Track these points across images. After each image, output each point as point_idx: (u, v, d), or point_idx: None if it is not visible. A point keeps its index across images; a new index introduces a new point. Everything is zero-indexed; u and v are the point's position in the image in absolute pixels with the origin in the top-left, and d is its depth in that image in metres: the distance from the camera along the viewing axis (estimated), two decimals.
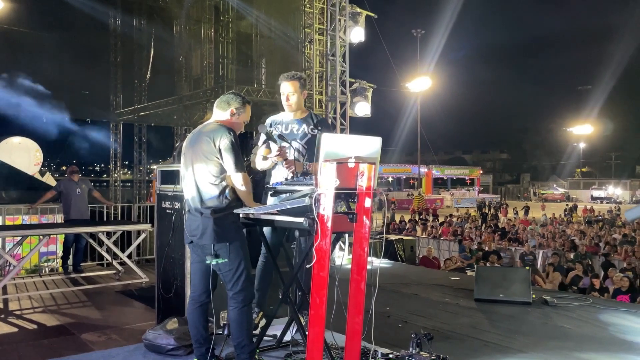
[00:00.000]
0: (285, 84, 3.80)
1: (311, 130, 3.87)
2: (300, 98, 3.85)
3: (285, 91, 3.80)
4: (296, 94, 3.82)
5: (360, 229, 2.90)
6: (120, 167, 17.26)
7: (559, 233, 16.24)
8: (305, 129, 3.87)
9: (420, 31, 38.97)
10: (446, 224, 19.47)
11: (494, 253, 11.99)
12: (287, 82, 3.80)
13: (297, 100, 3.83)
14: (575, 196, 51.32)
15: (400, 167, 51.52)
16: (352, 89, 10.42)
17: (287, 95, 3.80)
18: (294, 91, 3.80)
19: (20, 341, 4.46)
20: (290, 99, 3.80)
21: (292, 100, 3.80)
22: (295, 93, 3.81)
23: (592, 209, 30.40)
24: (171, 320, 3.93)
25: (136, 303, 5.86)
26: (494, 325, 5.09)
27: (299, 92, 3.83)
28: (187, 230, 3.27)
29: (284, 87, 3.82)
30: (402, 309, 5.54)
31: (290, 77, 3.81)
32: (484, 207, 33.83)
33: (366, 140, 2.94)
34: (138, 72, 14.05)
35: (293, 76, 3.82)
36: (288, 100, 3.80)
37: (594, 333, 4.88)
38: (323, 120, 4.13)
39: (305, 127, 3.87)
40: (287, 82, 3.80)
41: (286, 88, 3.80)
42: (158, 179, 4.74)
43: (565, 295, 6.91)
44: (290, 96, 3.80)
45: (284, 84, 3.81)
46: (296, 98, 3.82)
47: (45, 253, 8.22)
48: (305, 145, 3.85)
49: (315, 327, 2.70)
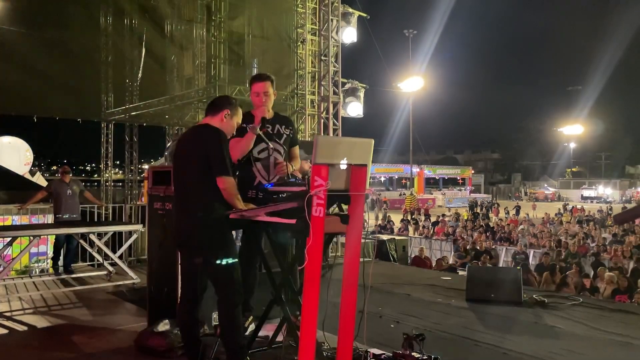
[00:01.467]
0: (260, 84, 3.83)
1: (284, 130, 3.90)
2: (273, 98, 3.88)
3: (260, 91, 3.82)
4: (270, 95, 3.84)
5: (352, 230, 2.91)
6: (112, 167, 17.17)
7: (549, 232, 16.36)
8: (280, 129, 3.89)
9: (412, 31, 39.15)
10: (441, 223, 19.55)
11: (486, 253, 12.06)
12: (262, 82, 3.83)
13: (271, 101, 3.85)
14: (565, 196, 51.68)
15: (393, 167, 51.66)
16: (345, 89, 10.45)
17: (261, 95, 3.81)
18: (269, 91, 3.82)
19: (10, 343, 4.42)
20: (266, 99, 3.81)
21: (267, 100, 3.81)
22: (269, 93, 3.83)
23: (582, 208, 30.64)
24: (162, 322, 3.92)
25: (127, 304, 5.83)
26: (486, 325, 5.12)
27: (272, 92, 3.86)
28: (176, 231, 3.27)
29: (259, 87, 3.83)
30: (394, 309, 5.55)
31: (265, 77, 3.85)
32: (475, 206, 34.00)
33: (358, 142, 2.95)
34: (129, 71, 13.96)
35: (267, 77, 3.86)
36: (263, 100, 3.80)
37: (584, 333, 4.92)
38: (290, 119, 4.18)
39: (279, 127, 3.89)
40: (262, 82, 3.83)
41: (262, 88, 3.82)
42: (150, 179, 4.72)
43: (556, 295, 6.96)
44: (266, 96, 3.81)
45: (258, 84, 3.83)
46: (271, 98, 3.84)
47: (36, 254, 8.16)
48: (283, 145, 3.87)
49: (307, 329, 2.71)
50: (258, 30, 12.12)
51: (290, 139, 3.96)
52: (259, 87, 3.82)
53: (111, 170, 17.03)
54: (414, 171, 45.06)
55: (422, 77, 38.27)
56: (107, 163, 16.44)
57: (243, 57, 12.51)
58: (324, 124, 10.23)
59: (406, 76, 36.82)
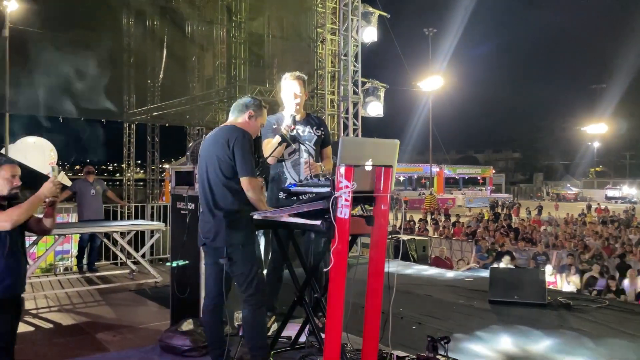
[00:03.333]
0: (293, 82, 3.77)
1: (316, 131, 3.86)
2: (304, 99, 3.84)
3: (293, 89, 3.76)
4: (302, 95, 3.80)
5: (377, 231, 2.89)
6: (134, 167, 17.39)
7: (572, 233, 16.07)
8: (311, 131, 3.85)
9: (432, 30, 38.72)
10: (459, 224, 19.36)
11: (508, 254, 11.89)
12: (295, 81, 3.76)
13: (303, 101, 3.81)
14: (589, 196, 50.77)
15: (412, 166, 51.29)
16: (365, 88, 10.40)
17: (294, 94, 3.75)
18: (301, 91, 3.77)
19: (36, 340, 4.50)
20: (299, 98, 3.76)
21: (300, 100, 3.77)
22: (302, 93, 3.79)
23: (606, 208, 30.02)
24: (186, 321, 3.94)
25: (150, 302, 5.89)
26: (509, 327, 5.05)
27: (304, 92, 3.82)
28: (200, 232, 3.28)
29: (291, 86, 3.77)
30: (416, 310, 5.51)
31: (298, 77, 3.78)
32: (496, 206, 33.59)
33: (384, 143, 2.93)
34: (151, 72, 14.11)
35: (299, 76, 3.79)
36: (296, 99, 3.76)
37: (610, 336, 4.81)
38: (323, 121, 4.13)
39: (309, 128, 3.85)
40: (295, 80, 3.76)
41: (294, 87, 3.76)
42: (172, 179, 4.76)
43: (582, 297, 6.84)
44: (299, 95, 3.76)
45: (291, 82, 3.77)
46: (302, 98, 3.80)
47: (60, 252, 8.29)
48: (314, 146, 3.83)
49: (333, 330, 2.69)
50: (278, 31, 12.15)
51: (322, 139, 3.90)
52: (291, 86, 3.77)
53: (133, 170, 17.25)
54: (434, 171, 44.69)
55: (442, 76, 37.91)
56: (129, 163, 16.67)
57: (263, 57, 12.56)
58: (344, 124, 10.20)
59: (426, 75, 36.50)
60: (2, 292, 2.90)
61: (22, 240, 3.09)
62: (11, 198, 3.00)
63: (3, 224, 2.81)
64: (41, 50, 11.37)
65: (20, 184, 3.04)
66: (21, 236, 3.07)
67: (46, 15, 11.58)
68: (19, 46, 10.86)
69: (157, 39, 13.79)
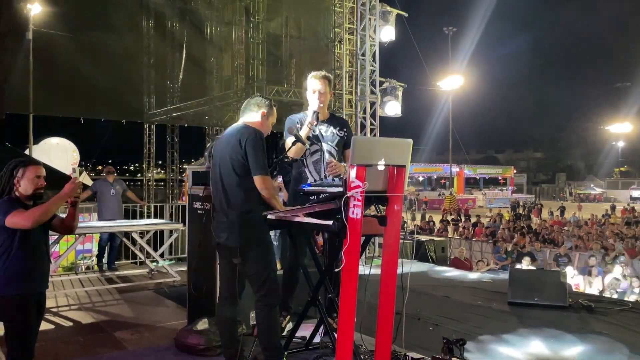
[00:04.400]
0: (316, 81, 3.75)
1: (339, 132, 3.84)
2: (329, 98, 3.82)
3: (316, 88, 3.74)
4: (326, 94, 3.78)
5: (390, 232, 2.86)
6: (154, 167, 17.61)
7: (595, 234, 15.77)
8: (334, 131, 3.83)
9: (452, 29, 38.43)
10: (480, 224, 19.14)
11: (528, 255, 11.72)
12: (319, 80, 3.74)
13: (326, 100, 3.79)
14: (613, 196, 49.77)
15: (431, 166, 50.93)
16: (382, 88, 10.35)
17: (318, 92, 3.74)
18: (325, 90, 3.76)
19: (57, 338, 4.57)
20: (322, 97, 3.76)
21: (323, 99, 3.76)
22: (326, 92, 3.77)
23: (632, 209, 29.31)
24: (202, 321, 3.97)
25: (168, 302, 5.94)
26: (529, 330, 4.96)
27: (328, 91, 3.80)
28: (214, 232, 3.29)
29: (315, 84, 3.75)
30: (433, 312, 5.46)
31: (323, 76, 3.76)
32: (517, 207, 33.15)
33: (397, 143, 2.90)
34: (170, 73, 14.29)
35: (325, 75, 3.78)
36: (320, 98, 3.75)
37: (634, 340, 4.70)
38: (346, 121, 4.11)
39: (332, 128, 3.84)
40: (320, 80, 3.75)
41: (318, 85, 3.74)
42: (189, 179, 4.79)
43: (604, 299, 6.70)
44: (322, 95, 3.75)
45: (315, 81, 3.75)
46: (326, 97, 3.79)
47: (82, 251, 8.43)
48: (336, 147, 3.82)
49: (345, 331, 2.68)
50: (295, 31, 12.17)
51: (345, 140, 3.87)
52: (315, 85, 3.76)
53: (153, 170, 17.46)
54: (454, 171, 44.29)
55: (462, 75, 37.58)
56: (149, 163, 16.87)
57: (281, 57, 12.60)
58: (362, 124, 10.17)
59: (446, 74, 36.23)
60: (26, 289, 2.96)
61: (46, 239, 3.15)
62: (36, 198, 3.06)
63: (24, 223, 2.87)
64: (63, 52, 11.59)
65: (45, 185, 3.10)
66: (44, 235, 3.13)
67: (68, 18, 11.80)
68: (42, 48, 11.09)
69: (176, 40, 13.96)
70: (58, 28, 11.55)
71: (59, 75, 11.46)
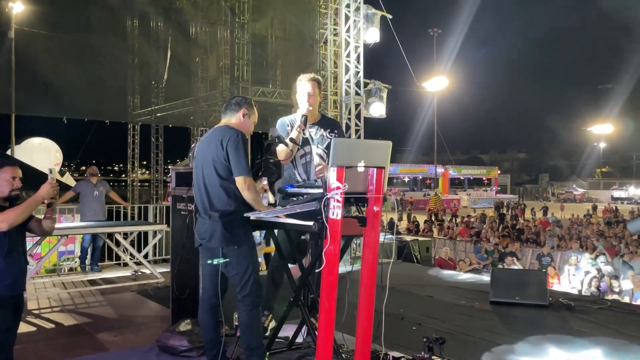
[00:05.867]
0: (307, 83, 3.78)
1: (329, 134, 3.87)
2: (318, 100, 3.85)
3: (307, 90, 3.76)
4: (316, 96, 3.81)
5: (370, 232, 2.90)
6: (138, 168, 17.47)
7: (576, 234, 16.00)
8: (323, 134, 3.86)
9: (436, 30, 38.66)
10: (463, 224, 19.31)
11: (511, 255, 11.86)
12: (309, 82, 3.77)
13: (316, 102, 3.81)
14: (595, 196, 50.51)
15: (417, 167, 51.25)
16: (367, 89, 10.39)
17: (308, 95, 3.76)
18: (315, 93, 3.79)
19: (38, 340, 4.53)
20: (312, 99, 3.78)
21: (312, 101, 3.78)
22: (315, 95, 3.80)
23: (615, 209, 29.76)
24: (184, 322, 3.97)
25: (152, 303, 5.92)
26: (510, 328, 5.04)
27: (318, 93, 3.83)
28: (196, 233, 3.30)
29: (305, 87, 3.77)
30: (417, 311, 5.51)
31: (313, 78, 3.79)
32: (501, 207, 33.49)
33: (376, 145, 2.94)
34: (155, 73, 14.18)
35: (315, 77, 3.81)
36: (310, 100, 3.76)
37: (611, 337, 4.80)
38: (337, 123, 4.13)
39: (322, 131, 3.86)
40: (310, 82, 3.77)
41: (308, 88, 3.76)
42: (173, 180, 4.79)
43: (584, 298, 6.81)
44: (312, 97, 3.78)
45: (305, 83, 3.78)
46: (316, 100, 3.81)
47: (64, 252, 8.34)
48: (326, 150, 3.83)
49: (325, 331, 2.71)
50: (281, 32, 12.18)
51: None
52: (304, 87, 3.78)
53: (137, 171, 17.33)
54: (439, 171, 44.61)
55: (446, 77, 37.82)
56: (133, 164, 16.74)
57: (266, 58, 12.59)
58: (347, 125, 10.20)
59: (430, 76, 36.44)
60: (2, 290, 2.94)
61: (22, 240, 3.13)
62: (12, 199, 3.04)
63: (0, 225, 2.85)
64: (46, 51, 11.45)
65: (22, 186, 3.08)
66: (21, 237, 3.11)
67: (51, 17, 11.66)
68: (24, 47, 10.96)
69: (160, 40, 13.87)
70: (41, 27, 11.41)
71: (42, 74, 11.32)
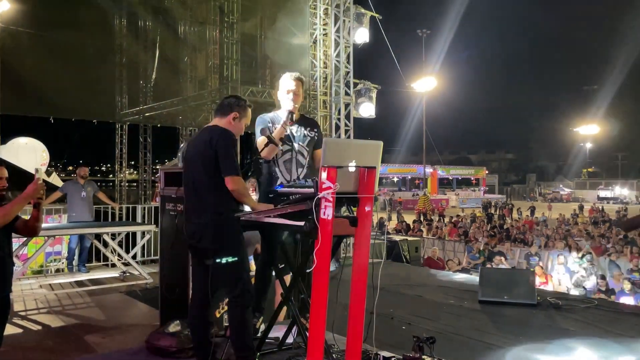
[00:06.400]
0: (291, 81, 3.80)
1: (309, 132, 3.89)
2: (301, 99, 3.88)
3: (291, 88, 3.79)
4: (300, 95, 3.83)
5: (361, 232, 2.90)
6: (126, 168, 17.33)
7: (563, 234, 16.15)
8: (304, 132, 3.88)
9: (425, 31, 38.75)
10: (451, 224, 19.41)
11: (499, 254, 11.95)
12: (293, 81, 3.80)
13: (299, 101, 3.84)
14: (581, 196, 51.06)
15: (406, 167, 51.41)
16: (357, 89, 10.41)
17: (293, 93, 3.78)
18: (299, 91, 3.81)
19: (24, 342, 4.48)
20: (296, 97, 3.80)
21: (296, 99, 3.80)
22: (299, 93, 3.82)
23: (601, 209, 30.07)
24: (174, 323, 3.93)
25: (140, 304, 5.88)
26: (498, 327, 5.08)
27: (301, 92, 3.86)
28: (187, 233, 3.28)
29: (289, 85, 3.80)
30: (406, 311, 5.53)
31: (297, 77, 3.83)
32: (489, 207, 33.71)
33: (367, 145, 2.94)
34: (143, 73, 14.09)
35: (299, 76, 3.84)
36: (294, 98, 3.78)
37: (598, 336, 4.85)
38: (316, 122, 4.18)
39: (303, 129, 3.88)
40: (294, 80, 3.81)
41: (292, 86, 3.79)
42: (161, 180, 4.75)
43: (571, 297, 6.88)
44: (296, 95, 3.80)
45: (289, 81, 3.80)
46: (299, 98, 3.84)
47: (51, 253, 8.25)
48: (307, 147, 3.86)
49: (316, 331, 2.70)
50: (270, 32, 12.15)
51: (315, 141, 3.91)
52: (289, 85, 3.80)
53: (125, 171, 17.19)
54: (427, 171, 44.80)
55: (435, 77, 37.95)
56: (121, 164, 16.61)
57: (256, 58, 12.56)
58: (336, 125, 10.22)
59: (419, 76, 36.52)
60: None
61: (8, 241, 3.09)
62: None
63: None
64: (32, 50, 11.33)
65: (7, 186, 3.04)
66: (6, 237, 3.07)
67: (37, 15, 11.54)
68: (10, 46, 10.83)
69: (149, 39, 13.78)
70: (27, 26, 11.29)
71: (28, 74, 11.18)
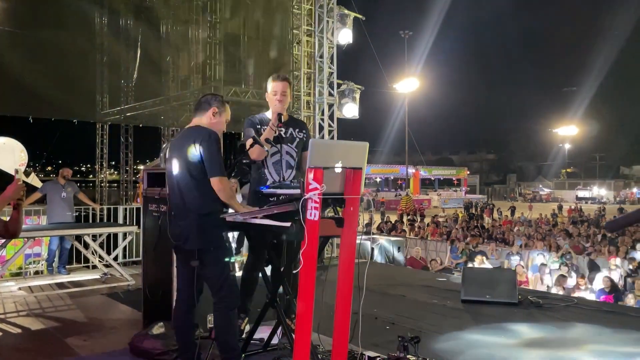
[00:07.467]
0: (278, 83, 3.83)
1: (298, 134, 3.90)
2: (289, 100, 3.89)
3: (278, 90, 3.81)
4: (287, 96, 3.85)
5: (347, 233, 2.91)
6: (107, 168, 17.12)
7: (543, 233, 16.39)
8: (293, 133, 3.89)
9: (408, 32, 39.03)
10: (433, 224, 19.55)
11: (481, 254, 12.07)
12: (280, 82, 3.83)
13: (287, 102, 3.85)
14: (560, 196, 51.87)
15: (388, 167, 51.69)
16: (340, 90, 10.43)
17: (280, 94, 3.80)
18: (286, 93, 3.83)
19: (3, 346, 4.40)
20: (284, 99, 3.81)
21: (284, 100, 3.82)
22: (287, 94, 3.84)
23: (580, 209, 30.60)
24: (157, 325, 3.91)
25: (122, 306, 5.81)
26: (481, 326, 5.13)
27: (289, 93, 3.88)
28: (171, 235, 3.25)
29: (277, 86, 3.82)
30: (390, 311, 5.56)
31: (284, 78, 3.86)
32: (471, 207, 34.05)
33: (353, 146, 2.95)
34: (125, 72, 13.90)
35: (286, 77, 3.87)
36: (281, 100, 3.80)
37: (577, 334, 4.94)
38: (305, 123, 4.20)
39: (292, 130, 3.89)
40: (281, 82, 3.83)
41: (279, 87, 3.81)
42: (144, 181, 4.70)
43: (552, 296, 6.98)
44: (284, 97, 3.81)
45: (277, 83, 3.83)
46: (287, 99, 3.85)
47: (30, 255, 8.12)
48: (296, 148, 3.87)
49: (302, 332, 2.70)
50: (254, 32, 12.09)
51: (304, 142, 3.94)
52: (277, 87, 3.82)
53: (106, 171, 16.99)
54: (410, 172, 45.08)
55: (417, 78, 38.22)
56: (102, 164, 16.41)
57: (239, 58, 12.49)
58: (320, 126, 10.22)
59: (402, 77, 36.77)
60: None
61: None
62: None
63: None
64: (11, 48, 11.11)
65: None
66: None
67: (15, 13, 11.32)
68: None
69: (131, 38, 13.60)
70: (5, 24, 11.07)
71: (6, 72, 10.96)
